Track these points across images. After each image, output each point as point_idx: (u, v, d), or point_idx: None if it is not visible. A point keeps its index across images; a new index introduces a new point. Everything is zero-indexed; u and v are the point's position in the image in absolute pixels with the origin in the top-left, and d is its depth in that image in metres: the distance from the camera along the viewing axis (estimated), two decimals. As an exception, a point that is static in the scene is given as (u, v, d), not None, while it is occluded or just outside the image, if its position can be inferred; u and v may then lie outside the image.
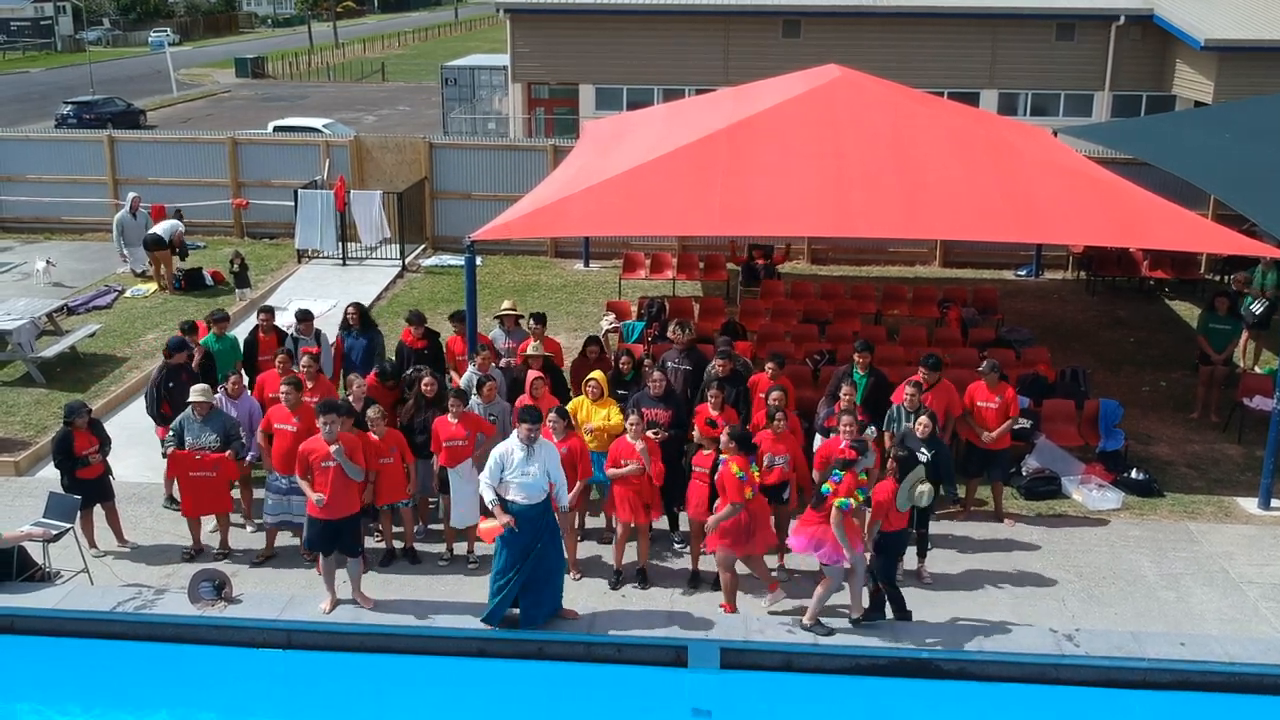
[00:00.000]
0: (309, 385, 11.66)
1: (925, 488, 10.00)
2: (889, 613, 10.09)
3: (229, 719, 9.58)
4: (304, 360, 12.01)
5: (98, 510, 11.49)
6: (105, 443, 11.47)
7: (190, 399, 11.28)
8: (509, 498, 9.78)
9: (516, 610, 9.97)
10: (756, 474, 10.09)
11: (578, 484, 10.67)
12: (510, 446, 9.84)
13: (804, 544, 9.77)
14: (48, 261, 20.57)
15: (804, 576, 10.79)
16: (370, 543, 11.45)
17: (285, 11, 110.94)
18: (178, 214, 21.31)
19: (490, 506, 9.85)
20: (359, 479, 10.22)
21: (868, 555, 9.81)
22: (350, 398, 11.45)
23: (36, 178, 24.00)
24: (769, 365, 11.93)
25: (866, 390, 11.98)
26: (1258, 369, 16.08)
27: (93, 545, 11.50)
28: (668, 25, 31.77)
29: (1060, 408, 13.81)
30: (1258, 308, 15.87)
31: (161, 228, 20.45)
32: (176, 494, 11.64)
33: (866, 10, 30.84)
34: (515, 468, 9.73)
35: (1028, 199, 13.13)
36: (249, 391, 12.28)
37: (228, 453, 11.09)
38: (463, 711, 9.71)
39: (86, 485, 11.25)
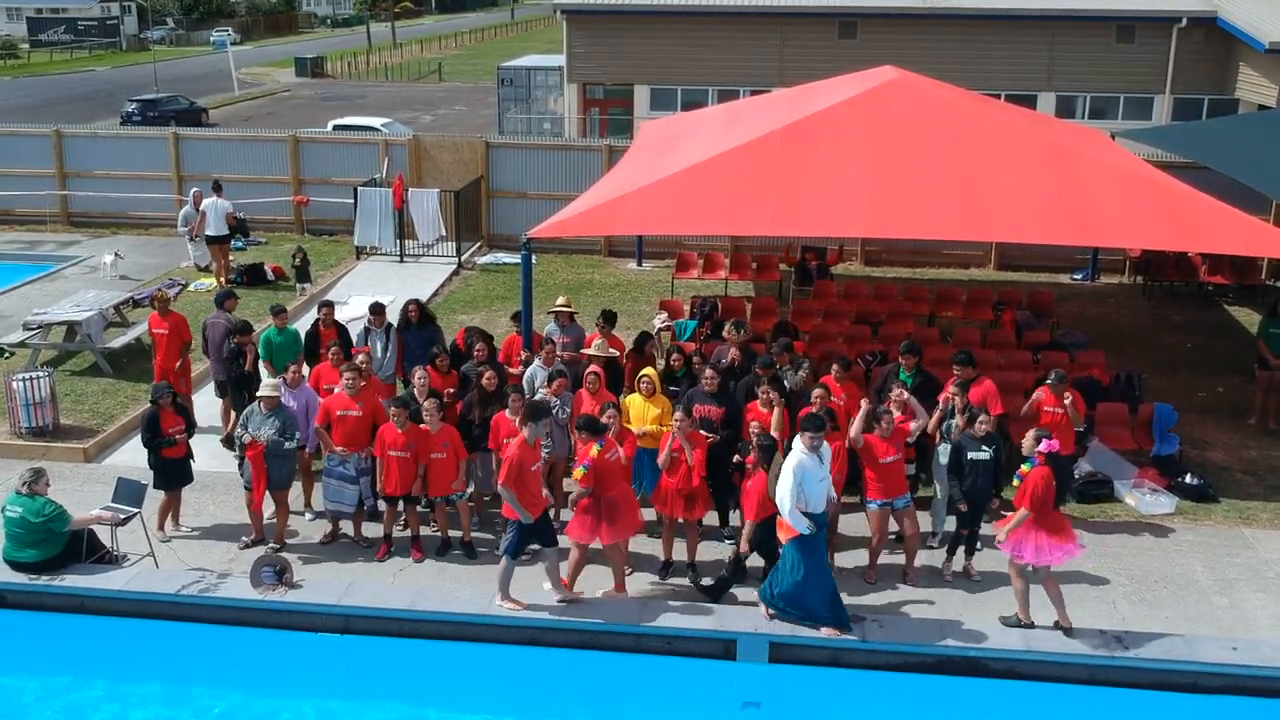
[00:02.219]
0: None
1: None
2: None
3: (287, 701, 9.83)
4: (360, 358, 12.31)
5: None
6: (190, 425, 11.88)
7: (260, 393, 11.60)
8: (809, 510, 9.72)
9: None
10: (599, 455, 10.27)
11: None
12: (801, 458, 9.72)
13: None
14: (115, 254, 21.09)
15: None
16: (427, 532, 11.72)
17: (344, 12, 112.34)
18: (216, 186, 21.33)
19: (788, 517, 9.71)
20: None
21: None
22: (415, 391, 11.69)
23: (104, 173, 24.60)
24: (834, 368, 12.01)
25: (912, 391, 12.04)
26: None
27: (177, 525, 11.91)
28: (723, 26, 31.85)
29: (1114, 411, 13.75)
30: None
31: (212, 222, 20.69)
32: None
33: (923, 12, 30.74)
34: (813, 477, 9.73)
35: (1084, 202, 13.09)
36: (306, 382, 12.57)
37: (264, 443, 11.30)
38: (513, 700, 9.88)
39: (170, 465, 11.63)
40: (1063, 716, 9.57)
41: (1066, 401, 11.76)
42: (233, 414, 13.51)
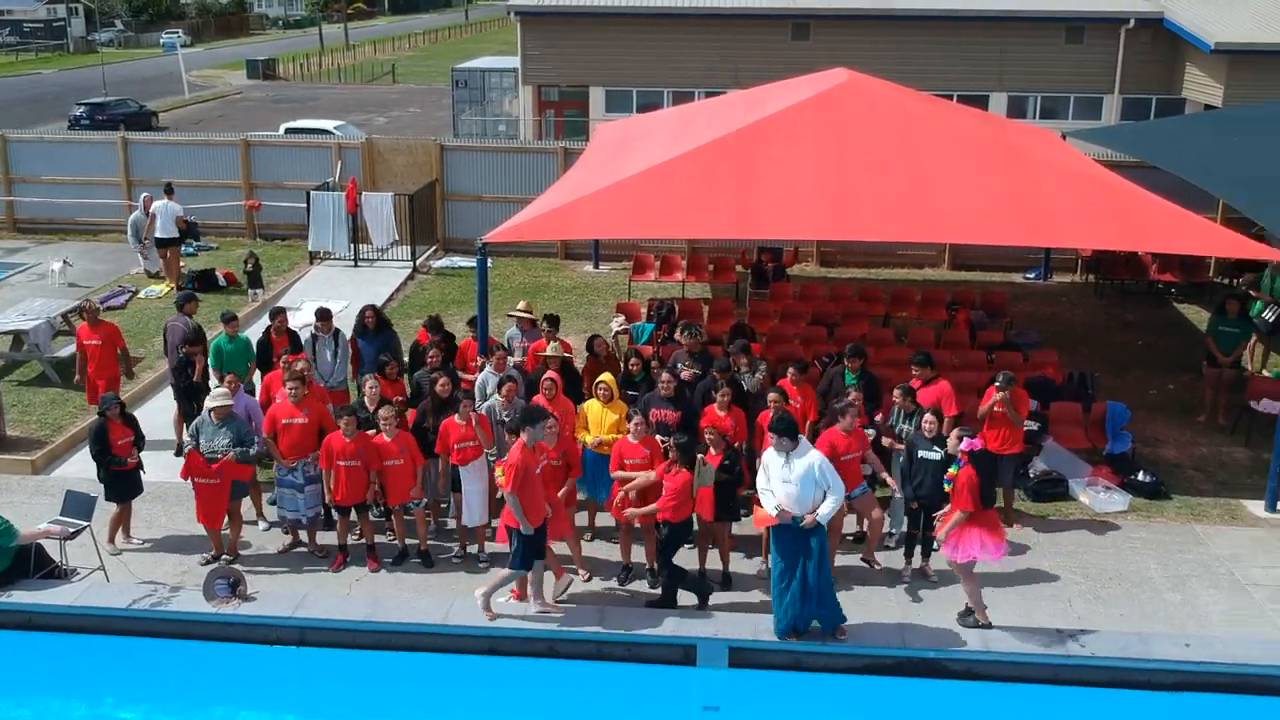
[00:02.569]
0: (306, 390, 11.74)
1: (708, 465, 10.33)
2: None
3: (242, 715, 9.69)
4: (300, 364, 12.12)
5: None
6: (140, 437, 11.67)
7: (209, 404, 11.43)
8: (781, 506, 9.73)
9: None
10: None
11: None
12: (769, 456, 9.79)
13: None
14: (64, 262, 20.75)
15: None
16: (382, 539, 11.62)
17: (296, 13, 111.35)
18: (168, 189, 21.12)
19: (765, 505, 9.79)
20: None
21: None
22: (365, 399, 11.58)
23: (51, 179, 24.20)
24: (790, 370, 12.05)
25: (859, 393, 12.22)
26: (1265, 372, 16.13)
27: (128, 537, 11.72)
28: (677, 28, 31.87)
29: (1067, 410, 13.89)
30: (1270, 315, 15.91)
31: (161, 225, 20.50)
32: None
33: (876, 14, 30.92)
34: (776, 477, 9.72)
35: (1036, 202, 13.21)
36: (244, 391, 12.37)
37: (230, 455, 11.17)
38: (474, 709, 9.82)
39: (121, 477, 11.45)
40: (1021, 716, 9.63)
41: (999, 396, 11.83)
42: (184, 425, 13.32)
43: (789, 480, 9.69)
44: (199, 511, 11.37)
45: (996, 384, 11.95)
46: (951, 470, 9.91)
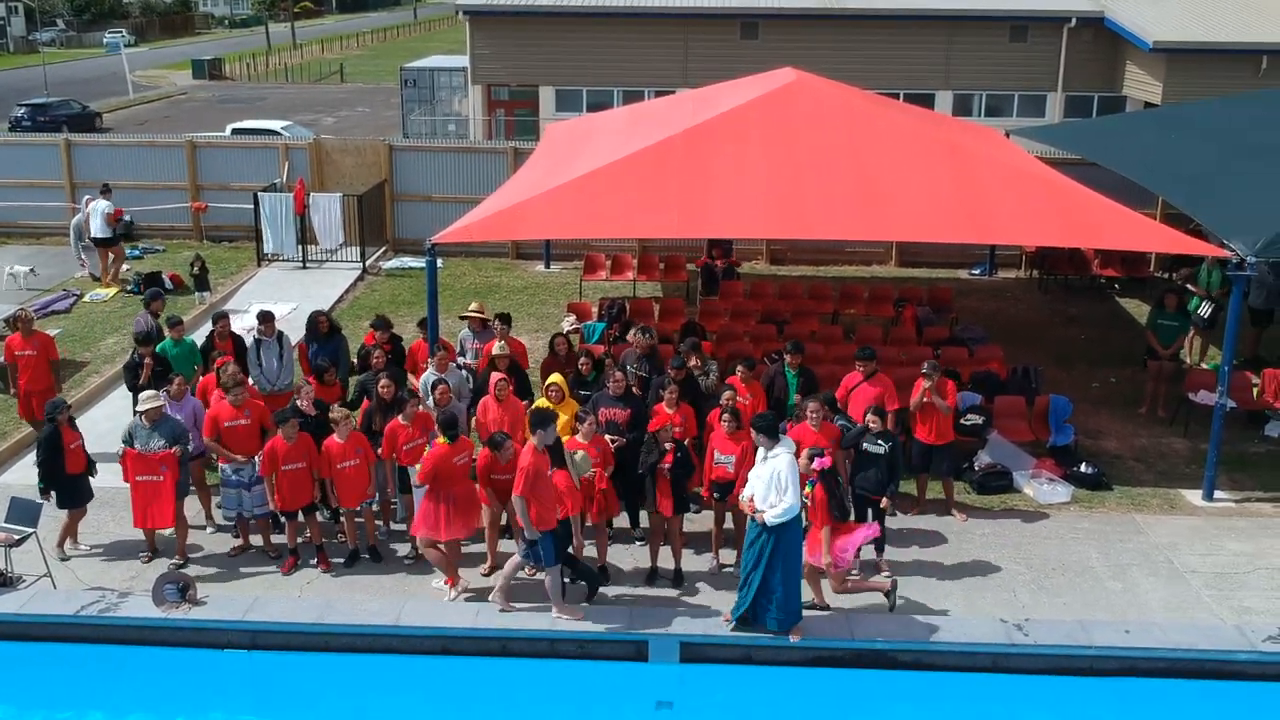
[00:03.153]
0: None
1: (580, 454, 10.45)
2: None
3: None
4: (229, 368, 11.96)
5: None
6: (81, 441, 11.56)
7: (140, 407, 11.33)
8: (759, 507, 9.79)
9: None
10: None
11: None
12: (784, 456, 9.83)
13: None
14: (30, 270, 20.42)
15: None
16: (332, 542, 11.60)
17: (242, 12, 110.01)
18: (104, 189, 20.95)
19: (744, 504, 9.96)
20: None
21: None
22: (301, 402, 11.52)
23: (-8, 181, 23.83)
24: (739, 369, 12.18)
25: (797, 388, 12.55)
26: (1203, 365, 16.49)
27: (76, 543, 11.62)
28: (627, 27, 31.93)
29: (1012, 404, 14.13)
30: (1205, 310, 16.27)
31: (96, 225, 20.35)
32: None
33: (823, 13, 31.19)
34: (751, 473, 9.92)
35: (980, 200, 13.42)
36: (190, 394, 12.29)
37: (174, 449, 11.10)
38: (429, 709, 9.83)
39: (70, 482, 11.32)
40: (970, 704, 9.81)
41: (926, 385, 12.07)
42: None
43: (759, 476, 9.84)
44: (136, 514, 11.20)
45: (923, 372, 12.21)
46: (807, 489, 10.05)
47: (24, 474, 13.04)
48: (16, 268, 20.37)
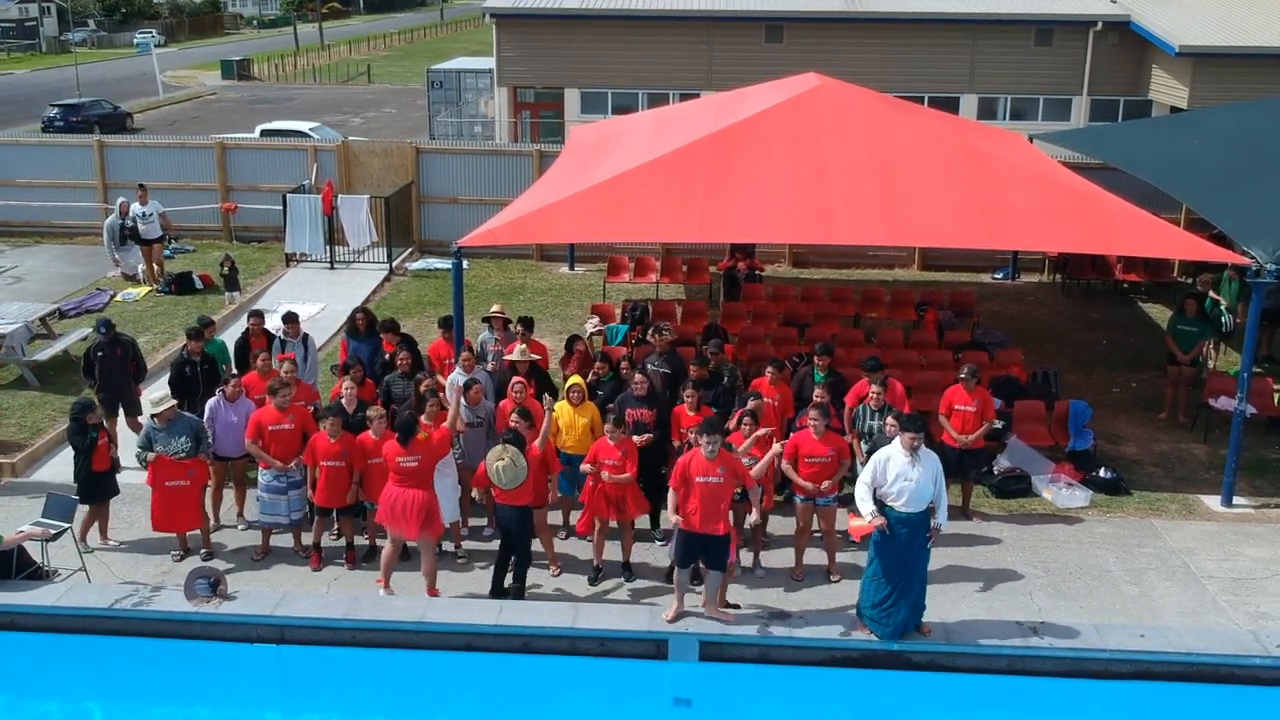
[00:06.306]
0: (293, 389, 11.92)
1: (501, 463, 10.49)
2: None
3: (224, 714, 9.87)
4: (285, 366, 12.27)
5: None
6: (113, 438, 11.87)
7: (150, 411, 11.55)
8: (891, 504, 9.75)
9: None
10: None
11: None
12: (890, 453, 9.80)
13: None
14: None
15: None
16: (358, 539, 11.81)
17: (270, 13, 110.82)
18: (140, 190, 21.35)
19: (862, 509, 9.80)
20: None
21: None
22: (344, 401, 11.75)
23: (26, 182, 24.21)
24: (768, 370, 12.32)
25: (826, 390, 12.48)
26: (1214, 365, 16.46)
27: (105, 539, 11.89)
28: (652, 30, 32.11)
29: (1031, 408, 14.20)
30: (1227, 321, 16.32)
31: (148, 226, 20.78)
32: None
33: (848, 16, 31.27)
34: (897, 474, 9.72)
35: (1002, 205, 13.49)
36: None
37: (202, 456, 11.34)
38: (451, 705, 10.02)
39: (95, 478, 11.60)
40: (984, 706, 9.91)
41: (970, 408, 12.27)
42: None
43: (908, 478, 9.68)
44: (156, 518, 11.46)
45: (961, 378, 12.38)
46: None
47: (59, 469, 13.32)
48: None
